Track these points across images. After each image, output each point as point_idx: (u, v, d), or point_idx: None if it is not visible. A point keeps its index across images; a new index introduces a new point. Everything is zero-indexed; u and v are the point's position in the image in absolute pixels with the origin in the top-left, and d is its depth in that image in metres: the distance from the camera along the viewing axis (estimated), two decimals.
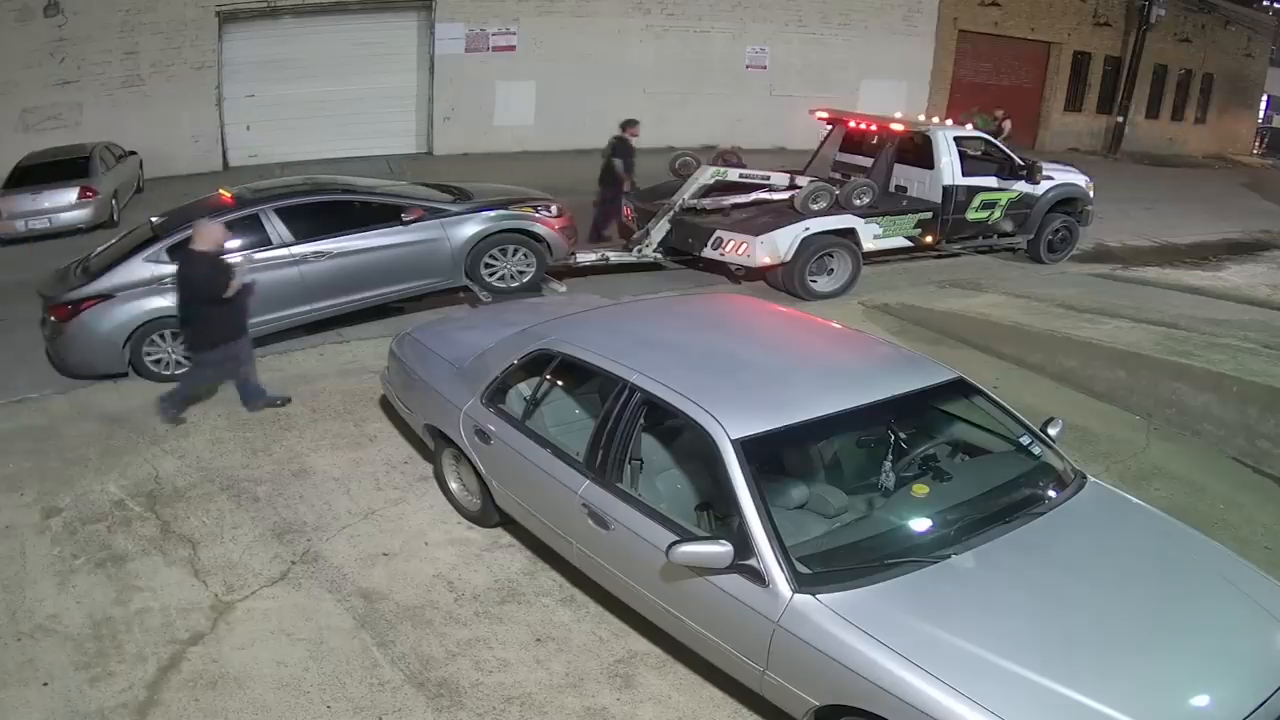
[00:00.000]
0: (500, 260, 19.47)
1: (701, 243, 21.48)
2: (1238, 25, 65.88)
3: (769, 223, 21.23)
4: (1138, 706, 6.76)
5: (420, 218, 18.41)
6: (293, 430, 14.11)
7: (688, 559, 7.90)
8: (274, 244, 17.09)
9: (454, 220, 18.88)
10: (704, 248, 21.44)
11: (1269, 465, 13.97)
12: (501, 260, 19.48)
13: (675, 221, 22.01)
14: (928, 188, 23.61)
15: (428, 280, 18.90)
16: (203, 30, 33.14)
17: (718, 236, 21.13)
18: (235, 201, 17.59)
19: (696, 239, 21.65)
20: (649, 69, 41.14)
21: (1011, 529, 8.57)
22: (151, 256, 16.34)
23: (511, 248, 19.54)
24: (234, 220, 16.74)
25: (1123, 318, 18.80)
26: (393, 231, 18.14)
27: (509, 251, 19.55)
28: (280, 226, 17.21)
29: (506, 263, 19.54)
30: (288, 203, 17.71)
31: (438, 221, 18.66)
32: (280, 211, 17.40)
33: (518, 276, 19.67)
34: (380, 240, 17.99)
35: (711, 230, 21.35)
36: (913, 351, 11.60)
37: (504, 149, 35.80)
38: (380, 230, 18.06)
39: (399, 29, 37.07)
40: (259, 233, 17.08)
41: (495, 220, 19.25)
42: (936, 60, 48.69)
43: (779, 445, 9.36)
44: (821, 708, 7.61)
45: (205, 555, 11.05)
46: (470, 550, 11.29)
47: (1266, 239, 33.68)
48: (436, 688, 9.06)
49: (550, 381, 10.81)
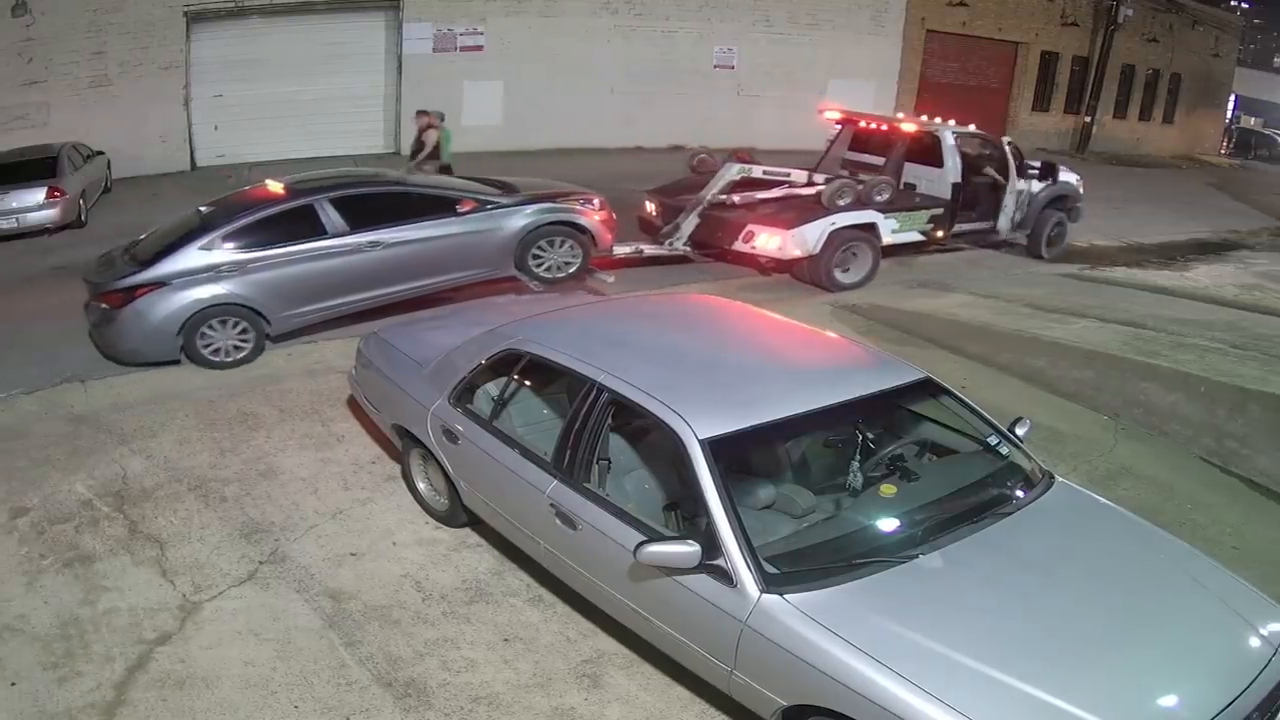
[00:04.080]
0: (548, 251, 19.91)
1: (732, 236, 22.17)
2: (1205, 25, 66.36)
3: (798, 217, 21.93)
4: (1105, 706, 6.77)
5: (473, 210, 18.84)
6: (260, 430, 14.08)
7: (655, 559, 7.90)
8: (329, 233, 17.41)
9: (504, 212, 19.34)
10: (735, 241, 22.13)
11: (1237, 465, 14.02)
12: (549, 251, 19.92)
13: (704, 216, 22.54)
14: (936, 185, 24.42)
15: (478, 270, 19.25)
16: (170, 30, 33.03)
17: (749, 230, 21.87)
18: (288, 192, 17.96)
19: (726, 233, 22.32)
20: (616, 69, 41.21)
21: (979, 529, 8.59)
22: (207, 245, 16.61)
23: (559, 239, 19.99)
24: (289, 210, 17.36)
25: (1090, 318, 18.89)
26: (446, 222, 18.52)
27: (556, 243, 19.98)
28: (335, 216, 17.52)
29: (553, 254, 19.98)
30: (342, 193, 18.01)
31: (488, 213, 19.11)
32: (335, 202, 17.68)
33: (564, 267, 20.16)
34: (434, 231, 18.36)
35: (743, 224, 22.05)
36: (881, 351, 11.62)
37: (472, 148, 35.57)
38: (434, 221, 18.44)
39: (366, 29, 37.02)
40: (314, 223, 17.40)
41: (543, 213, 19.72)
42: (904, 60, 48.81)
43: (747, 445, 9.30)
44: (789, 707, 7.61)
45: (173, 555, 11.00)
46: (438, 550, 11.28)
47: (1234, 239, 33.87)
48: (404, 688, 9.05)
49: (518, 381, 10.81)
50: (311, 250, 17.16)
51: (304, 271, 17.09)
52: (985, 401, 11.07)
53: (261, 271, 16.76)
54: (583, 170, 27.55)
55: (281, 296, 16.97)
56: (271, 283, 16.85)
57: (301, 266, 17.07)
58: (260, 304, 16.78)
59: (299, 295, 17.16)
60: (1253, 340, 17.87)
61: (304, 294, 17.18)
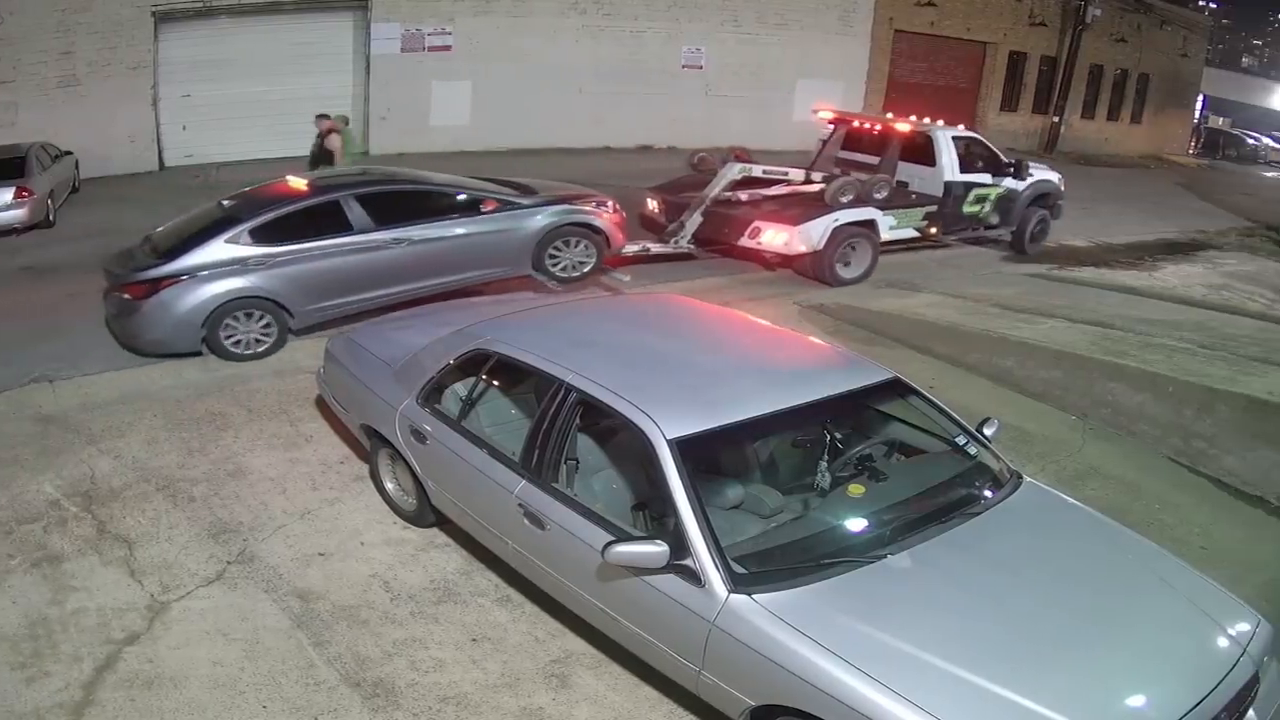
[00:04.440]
0: (563, 251, 20.44)
1: (738, 233, 22.83)
2: (1173, 25, 66.73)
3: (803, 214, 22.61)
4: (1073, 706, 6.79)
5: (495, 210, 19.37)
6: (229, 430, 14.02)
7: (623, 559, 7.90)
8: (355, 230, 17.73)
9: (524, 213, 19.81)
10: (741, 237, 22.78)
11: (1204, 465, 14.08)
12: (565, 251, 20.45)
13: (707, 214, 23.06)
14: (929, 183, 25.38)
15: (496, 269, 19.66)
16: (139, 30, 32.88)
17: (755, 226, 22.54)
18: (312, 188, 18.28)
19: (732, 229, 22.98)
20: (585, 69, 41.16)
21: (947, 529, 8.61)
22: (234, 238, 16.82)
23: (574, 239, 20.52)
24: (315, 206, 17.72)
25: (1058, 318, 18.95)
26: (470, 221, 19.03)
27: (571, 243, 20.50)
28: (361, 213, 17.85)
29: (569, 254, 20.52)
30: (368, 190, 18.42)
31: (509, 213, 19.59)
32: (360, 199, 18.05)
33: (579, 267, 20.71)
34: (458, 229, 18.87)
35: (749, 221, 22.72)
36: (849, 351, 11.63)
37: (440, 149, 35.66)
38: (458, 219, 18.96)
39: (335, 29, 36.92)
40: (340, 219, 17.72)
41: (562, 214, 20.23)
42: (872, 60, 48.92)
43: (715, 445, 9.30)
44: (757, 707, 7.61)
45: (141, 555, 10.95)
46: (406, 550, 11.26)
47: (1202, 239, 34.06)
48: (372, 688, 9.03)
49: (486, 381, 10.81)
50: (338, 246, 17.49)
51: (329, 266, 17.40)
52: (953, 401, 11.10)
53: (287, 266, 17.04)
54: (553, 171, 27.54)
55: (306, 290, 17.24)
56: (297, 277, 17.13)
57: (327, 261, 17.38)
58: (285, 298, 17.05)
59: (323, 290, 17.43)
60: (1221, 340, 17.93)
61: (328, 288, 17.47)
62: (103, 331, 17.34)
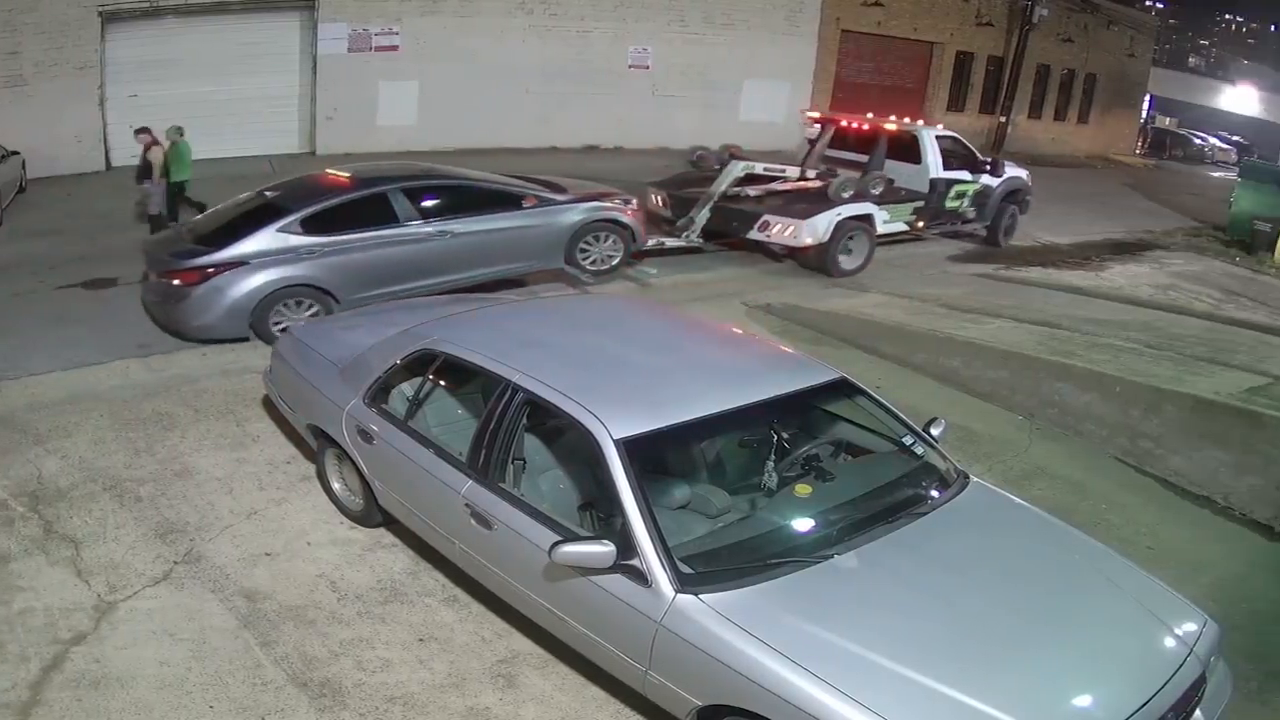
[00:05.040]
0: (593, 246, 21.62)
1: (747, 226, 24.19)
2: (1120, 25, 67.01)
3: (808, 208, 24.05)
4: (1020, 706, 6.82)
5: (534, 205, 20.40)
6: (176, 430, 13.94)
7: (570, 559, 7.90)
8: (401, 222, 18.49)
9: (559, 209, 20.85)
10: (750, 230, 24.14)
11: (1151, 465, 14.20)
12: (594, 246, 21.63)
13: (716, 208, 24.33)
14: (915, 180, 26.89)
15: (532, 262, 20.72)
16: (86, 30, 32.67)
17: (765, 220, 23.91)
18: (354, 181, 19.01)
19: (741, 223, 24.36)
20: (532, 69, 41.03)
21: (894, 529, 8.64)
22: (285, 227, 17.41)
23: (603, 235, 21.70)
24: (364, 198, 18.48)
25: (1005, 318, 19.07)
26: (509, 216, 19.90)
27: (601, 238, 21.68)
28: (407, 205, 18.63)
29: (598, 248, 21.70)
30: (414, 184, 19.27)
31: (546, 209, 20.61)
32: (406, 191, 18.83)
33: (607, 260, 21.91)
34: (499, 223, 19.70)
35: (758, 215, 24.12)
36: (796, 352, 11.67)
37: (387, 149, 35.48)
38: (499, 214, 19.76)
39: (282, 29, 36.72)
40: (387, 211, 18.43)
41: (592, 211, 21.34)
42: (819, 60, 48.91)
43: (662, 445, 9.35)
44: (704, 707, 7.62)
45: (88, 555, 10.86)
46: (353, 550, 11.23)
47: (1149, 239, 34.36)
48: (319, 688, 9.00)
49: (433, 381, 10.79)
50: (386, 237, 18.21)
51: (376, 257, 18.06)
52: (900, 401, 11.13)
53: (336, 255, 17.66)
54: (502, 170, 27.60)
55: (353, 279, 17.83)
56: (345, 266, 17.76)
57: (375, 252, 18.05)
58: (333, 286, 17.62)
59: (369, 279, 17.98)
60: (1167, 340, 18.07)
61: (374, 278, 18.02)
62: (51, 331, 17.31)
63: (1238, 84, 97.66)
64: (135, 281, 19.19)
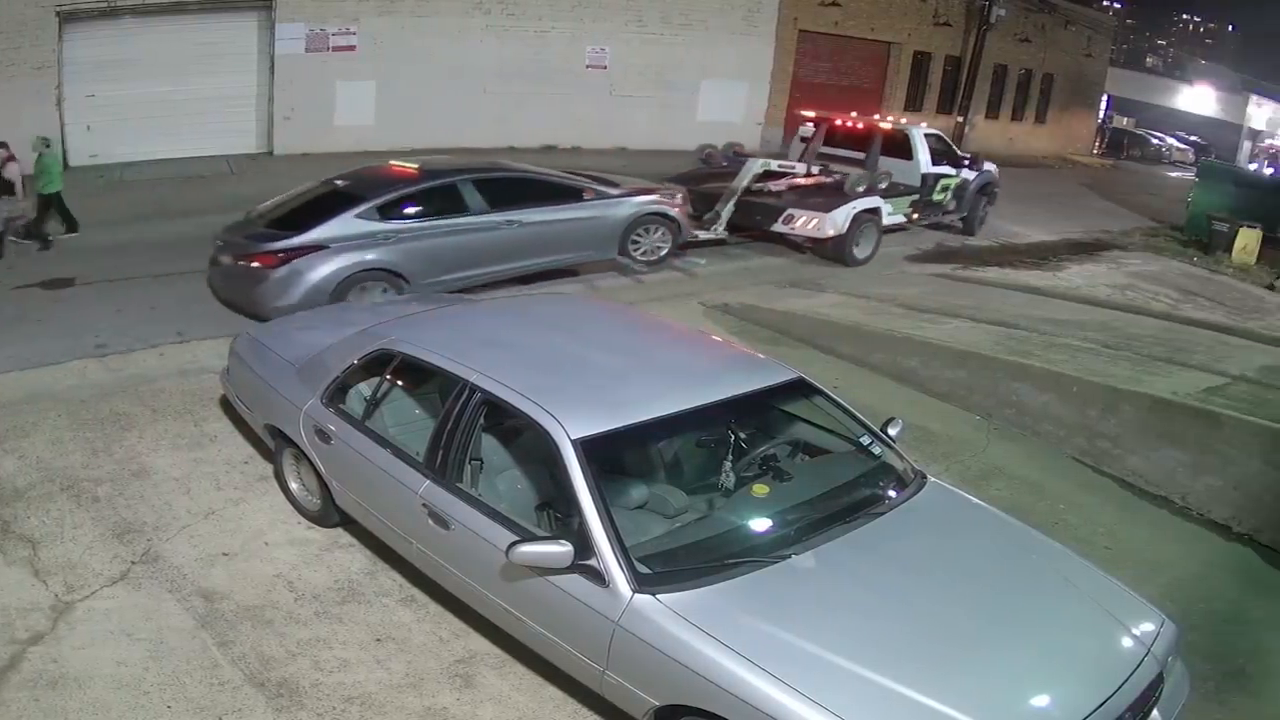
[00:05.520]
0: (643, 238, 22.92)
1: (771, 219, 25.93)
2: (1078, 25, 67.25)
3: (828, 203, 25.87)
4: (977, 706, 6.85)
5: (593, 198, 21.85)
6: (133, 430, 13.86)
7: (528, 559, 7.90)
8: (471, 211, 19.77)
9: (613, 202, 22.14)
10: (774, 223, 25.90)
11: (1109, 465, 14.27)
12: (644, 238, 22.94)
13: (739, 203, 25.57)
14: (908, 174, 29.10)
15: (589, 252, 22.10)
16: (43, 30, 32.43)
17: (789, 214, 25.67)
18: (424, 172, 20.31)
19: (765, 216, 26.07)
20: (489, 69, 40.83)
21: (851, 529, 8.66)
22: (363, 214, 18.45)
23: (653, 227, 23.05)
24: (437, 188, 19.83)
25: (963, 318, 19.13)
26: (572, 208, 21.30)
27: (650, 230, 22.98)
28: (476, 196, 19.92)
29: (648, 240, 23.03)
30: (482, 176, 20.63)
31: (603, 202, 21.97)
32: (476, 183, 20.17)
33: (655, 251, 23.28)
34: (562, 214, 21.08)
35: (781, 209, 25.86)
36: (753, 352, 11.72)
37: (344, 149, 35.36)
38: (561, 206, 21.15)
39: (239, 29, 36.44)
40: (458, 200, 19.74)
41: (644, 204, 22.70)
42: (777, 60, 48.74)
43: (619, 445, 9.39)
44: (661, 707, 7.63)
45: (45, 555, 10.80)
46: (310, 550, 11.20)
47: (1107, 239, 34.50)
48: (276, 687, 8.97)
49: (391, 381, 10.77)
50: (457, 225, 19.43)
51: (447, 243, 19.20)
52: (858, 402, 11.18)
53: (410, 241, 18.71)
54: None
55: (425, 264, 18.85)
56: (418, 251, 18.79)
57: (446, 239, 19.20)
58: (405, 270, 18.54)
59: (440, 264, 19.08)
60: (1125, 340, 18.15)
61: (444, 263, 19.14)
62: (8, 331, 17.15)
63: (1195, 84, 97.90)
64: (94, 281, 19.20)
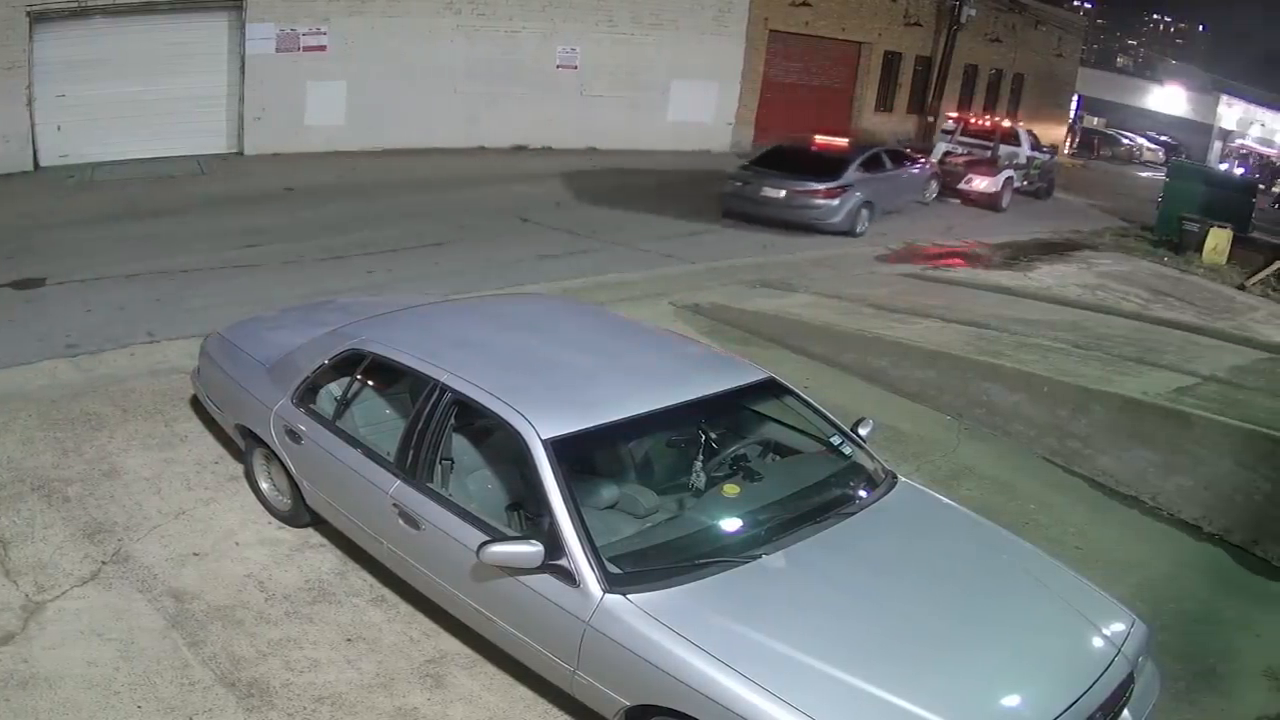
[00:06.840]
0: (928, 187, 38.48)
1: (956, 181, 39.23)
2: (1048, 25, 67.85)
3: (992, 170, 39.67)
4: (948, 706, 6.85)
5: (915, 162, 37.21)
6: (104, 430, 13.79)
7: (498, 559, 7.90)
8: (886, 168, 33.64)
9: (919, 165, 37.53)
10: (960, 183, 39.23)
11: (1079, 465, 14.32)
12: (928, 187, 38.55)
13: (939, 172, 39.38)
14: (1017, 156, 42.18)
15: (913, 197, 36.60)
16: (13, 30, 32.29)
17: (970, 177, 39.26)
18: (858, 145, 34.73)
19: (952, 180, 39.23)
20: (460, 69, 40.79)
21: (822, 529, 8.66)
22: (858, 166, 31.43)
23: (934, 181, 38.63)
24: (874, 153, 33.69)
25: (934, 318, 19.15)
26: (911, 168, 36.49)
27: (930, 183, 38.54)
28: (885, 159, 33.98)
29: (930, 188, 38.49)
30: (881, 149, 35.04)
31: (918, 164, 37.33)
32: (885, 152, 34.73)
33: (927, 197, 37.82)
34: (909, 172, 36.23)
35: (963, 174, 39.41)
36: (724, 351, 11.78)
37: (315, 149, 35.40)
38: (907, 167, 36.11)
39: (209, 29, 36.31)
40: (880, 160, 33.55)
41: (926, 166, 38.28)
42: (747, 60, 48.69)
43: (590, 445, 9.37)
44: (632, 708, 7.62)
45: (15, 555, 10.73)
46: (281, 550, 11.15)
47: (1077, 239, 34.82)
48: (247, 688, 8.94)
49: (361, 381, 10.74)
50: (884, 175, 33.21)
51: (882, 185, 32.70)
52: (828, 402, 11.20)
53: (873, 184, 31.89)
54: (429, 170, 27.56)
55: (879, 197, 32.07)
56: (876, 189, 32.00)
57: (882, 184, 32.69)
58: (873, 200, 31.53)
59: (881, 197, 32.39)
60: (1095, 340, 18.21)
61: (884, 197, 32.66)
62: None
63: (1166, 84, 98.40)
64: (65, 280, 19.15)
